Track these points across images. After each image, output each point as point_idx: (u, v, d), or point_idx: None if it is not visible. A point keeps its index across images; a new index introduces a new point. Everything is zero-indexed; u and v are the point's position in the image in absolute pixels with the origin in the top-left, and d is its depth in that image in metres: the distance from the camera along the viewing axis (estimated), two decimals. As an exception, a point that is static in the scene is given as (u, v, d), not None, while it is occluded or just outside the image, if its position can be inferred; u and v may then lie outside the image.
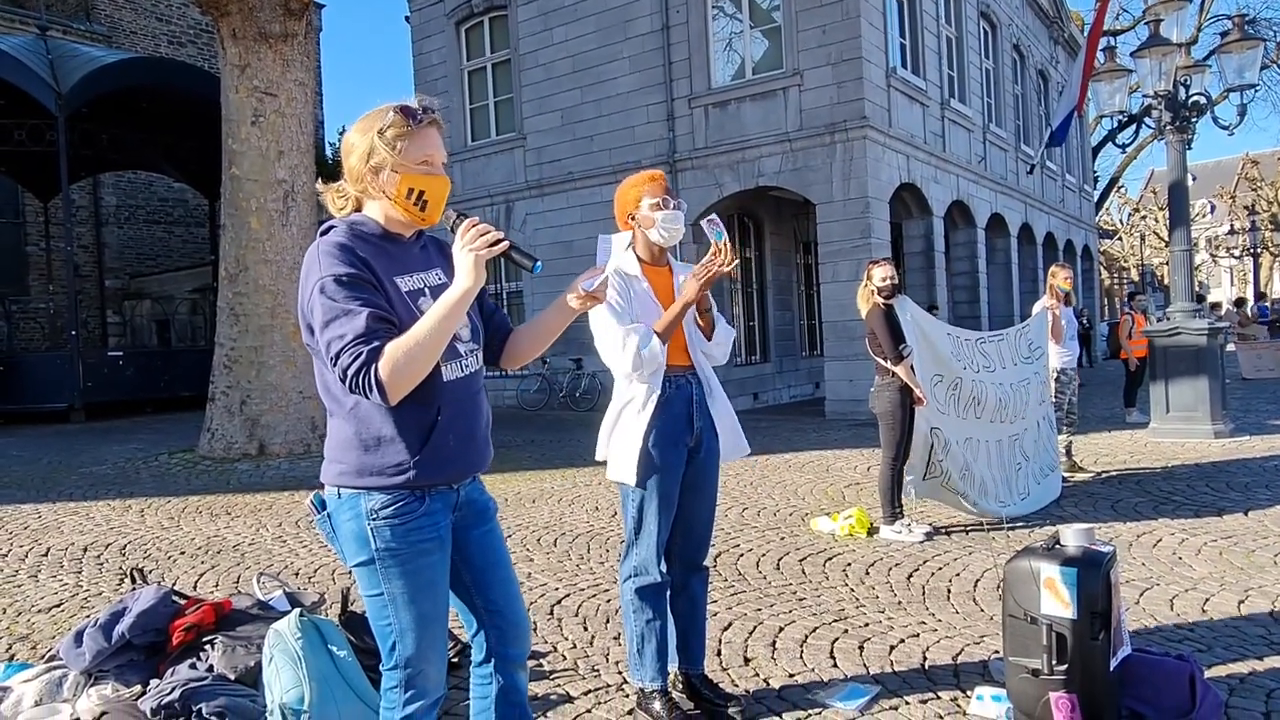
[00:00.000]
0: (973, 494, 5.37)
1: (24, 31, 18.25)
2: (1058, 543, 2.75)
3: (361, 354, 1.67)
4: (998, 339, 6.17)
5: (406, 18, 16.92)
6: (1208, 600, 3.86)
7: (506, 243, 1.76)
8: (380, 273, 1.79)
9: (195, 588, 4.55)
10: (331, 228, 1.86)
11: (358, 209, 1.91)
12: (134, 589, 3.37)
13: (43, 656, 3.33)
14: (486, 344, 2.06)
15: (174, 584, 4.49)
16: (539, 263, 1.84)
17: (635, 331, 2.65)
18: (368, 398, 1.71)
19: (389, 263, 1.83)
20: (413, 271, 1.88)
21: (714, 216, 2.73)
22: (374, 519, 1.82)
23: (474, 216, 1.78)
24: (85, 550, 5.48)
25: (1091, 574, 2.59)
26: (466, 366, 1.92)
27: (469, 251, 1.73)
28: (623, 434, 2.76)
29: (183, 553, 5.37)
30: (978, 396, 5.58)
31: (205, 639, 3.02)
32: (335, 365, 1.71)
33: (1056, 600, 2.60)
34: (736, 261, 2.70)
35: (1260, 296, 21.82)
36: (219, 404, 9.39)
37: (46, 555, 5.38)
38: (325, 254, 1.77)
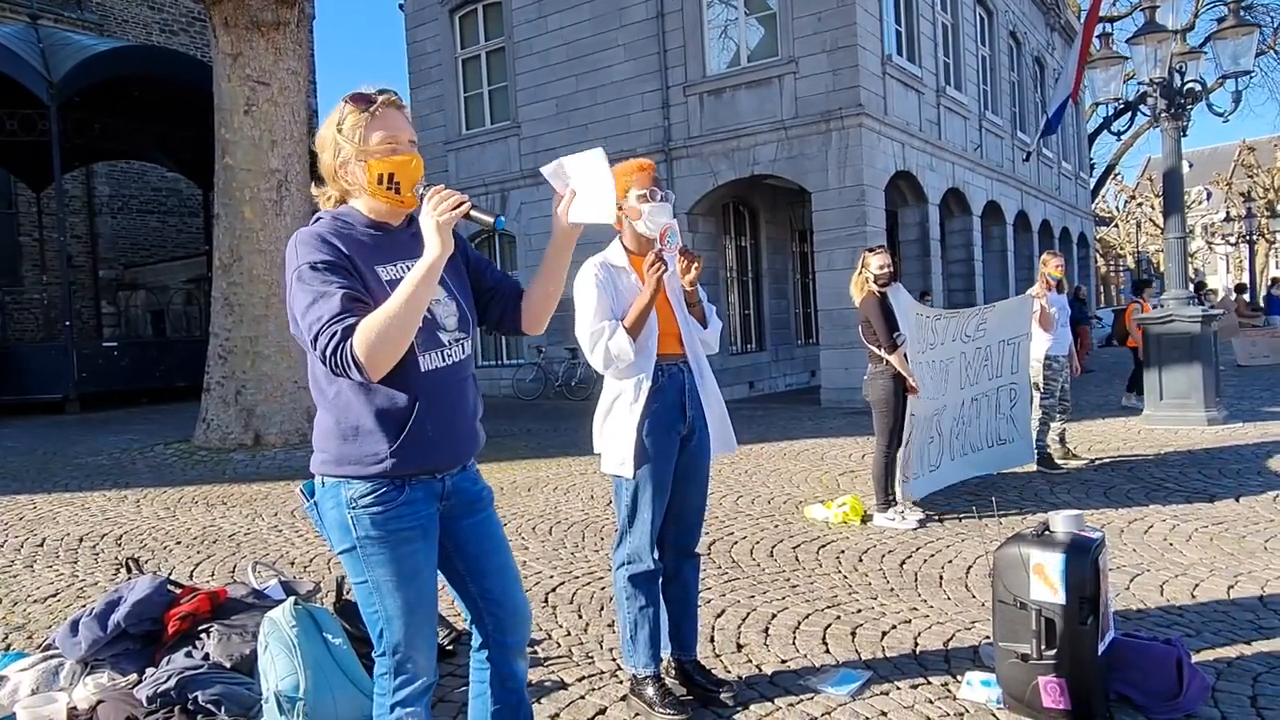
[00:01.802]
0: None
1: (14, 20, 18.13)
2: (1047, 529, 2.77)
3: (336, 333, 1.70)
4: (951, 316, 6.09)
5: (400, 5, 16.84)
6: (1197, 585, 3.89)
7: (468, 204, 1.76)
8: (360, 262, 1.81)
9: (191, 577, 4.56)
10: (318, 220, 1.89)
11: (343, 202, 1.93)
12: (129, 578, 3.39)
13: (39, 646, 3.34)
14: (502, 315, 2.06)
15: (170, 573, 4.50)
16: (501, 217, 1.86)
17: (606, 328, 2.68)
18: (349, 376, 1.73)
19: (371, 252, 1.84)
20: (396, 260, 1.87)
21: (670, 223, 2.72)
22: (354, 507, 1.84)
23: (438, 185, 1.79)
24: (81, 540, 5.49)
25: (1080, 560, 2.62)
26: (449, 356, 1.90)
27: (431, 218, 1.74)
28: (616, 427, 2.77)
29: (179, 542, 5.38)
30: (921, 378, 5.59)
31: (201, 627, 3.03)
32: (315, 348, 1.73)
33: (1046, 586, 2.63)
34: (666, 269, 2.69)
35: (1274, 283, 21.66)
36: (214, 394, 9.39)
37: (42, 546, 5.39)
38: (301, 244, 1.80)
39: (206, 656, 2.91)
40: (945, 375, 5.89)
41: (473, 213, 1.78)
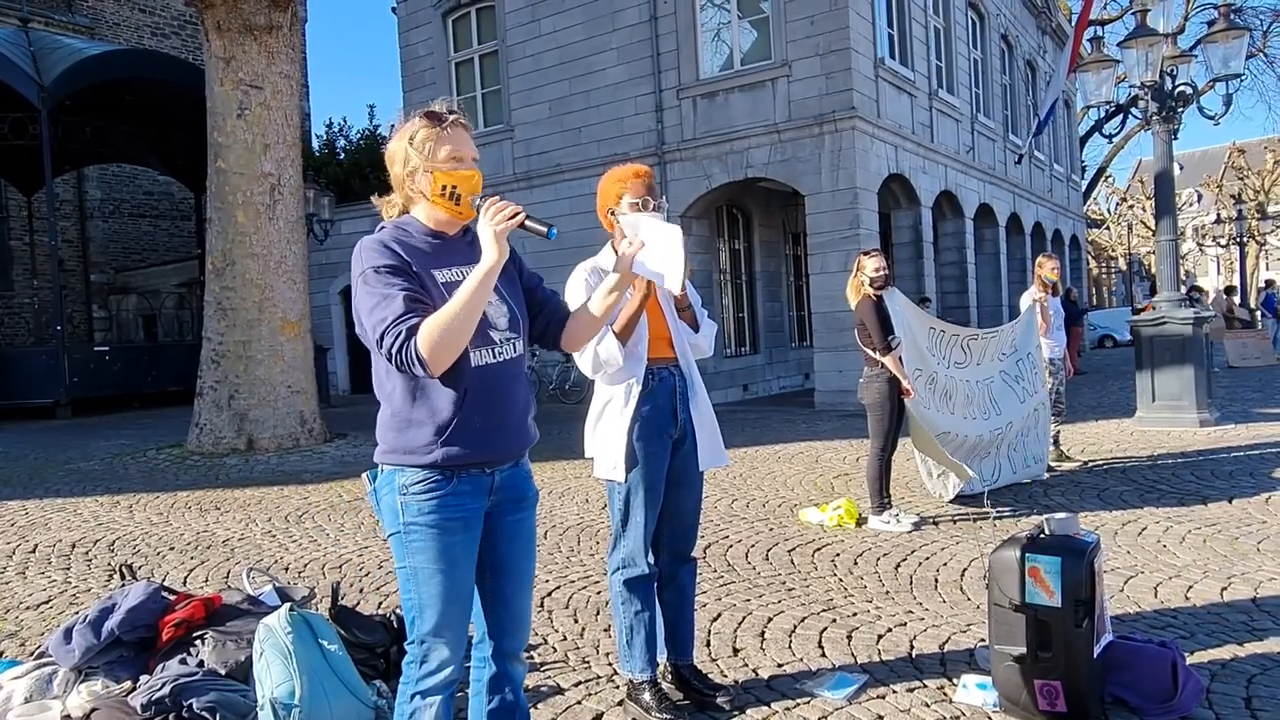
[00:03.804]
0: (934, 485, 5.55)
1: (5, 23, 18.05)
2: (1042, 532, 2.78)
3: (401, 332, 1.81)
4: (990, 335, 6.19)
5: (393, 9, 16.83)
6: (1191, 587, 3.90)
7: (523, 214, 1.89)
8: (418, 265, 1.92)
9: (185, 583, 4.55)
10: (381, 228, 2.00)
11: (405, 213, 2.04)
12: (123, 585, 3.37)
13: (32, 653, 3.32)
14: (545, 330, 2.16)
15: (163, 579, 4.48)
16: (553, 229, 1.94)
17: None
18: (413, 372, 1.84)
19: (428, 258, 1.95)
20: (452, 265, 1.98)
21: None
22: (405, 494, 1.94)
23: (495, 196, 1.91)
24: (74, 547, 5.47)
25: (1075, 562, 2.62)
26: (500, 353, 2.00)
27: (489, 227, 1.85)
28: (607, 431, 2.77)
29: (172, 548, 5.36)
30: (949, 391, 5.65)
31: (195, 634, 3.02)
32: (381, 346, 1.84)
33: (1041, 589, 2.63)
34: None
35: (1268, 284, 21.74)
36: (207, 399, 9.36)
37: (34, 552, 5.36)
38: (367, 249, 1.93)
39: (201, 663, 2.90)
40: (990, 393, 6.02)
41: (527, 223, 1.91)
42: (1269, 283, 22.58)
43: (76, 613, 3.76)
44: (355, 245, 1.97)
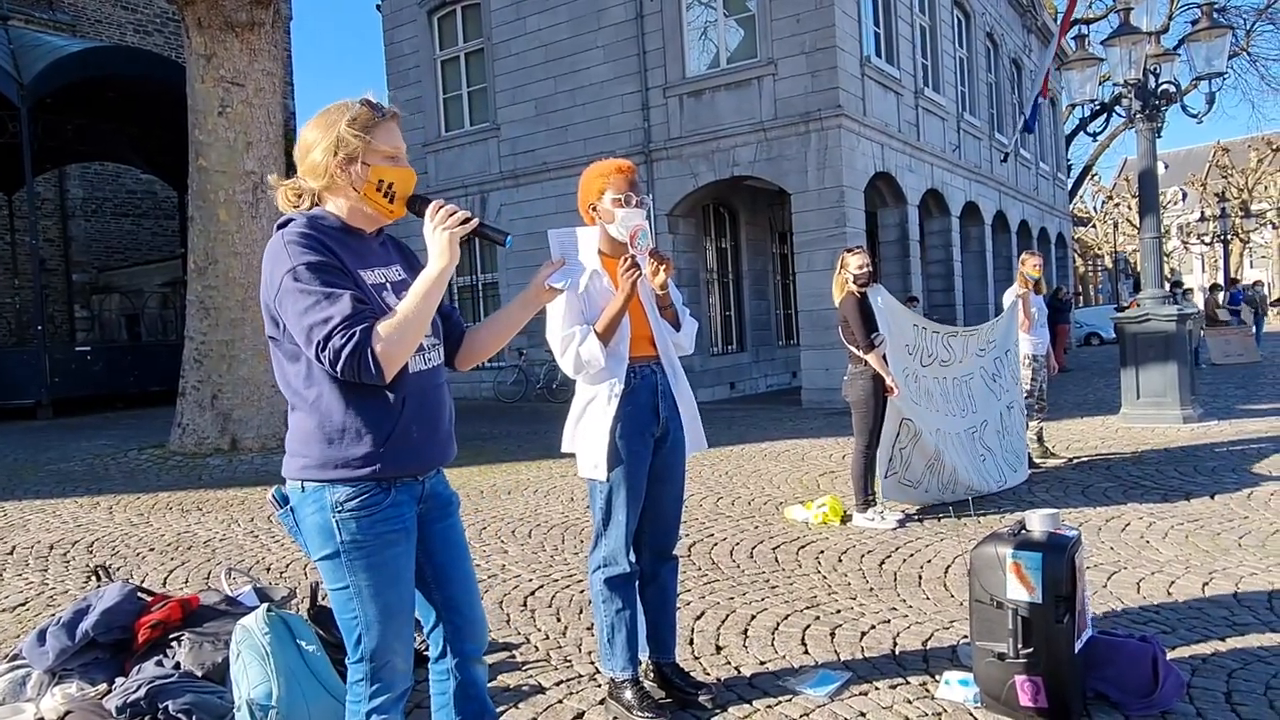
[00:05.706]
0: (935, 486, 5.51)
1: (-15, 20, 17.87)
2: (1024, 528, 2.78)
3: (355, 334, 1.68)
4: (969, 334, 6.19)
5: (378, 6, 16.75)
6: (1173, 583, 3.91)
7: (476, 221, 1.81)
8: (347, 264, 1.80)
9: (165, 584, 4.50)
10: (290, 220, 1.86)
11: (313, 205, 1.91)
12: (98, 586, 3.33)
13: (6, 656, 3.27)
14: (444, 344, 2.06)
15: (143, 581, 4.44)
16: (510, 237, 1.88)
17: (577, 333, 2.66)
18: (359, 378, 1.72)
19: (352, 256, 1.84)
20: (374, 266, 1.88)
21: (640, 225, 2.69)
22: (339, 511, 1.81)
23: (438, 200, 1.82)
24: (52, 548, 5.40)
25: (1056, 558, 2.62)
26: (430, 360, 1.93)
27: (443, 230, 1.76)
28: (589, 430, 2.76)
29: (152, 549, 5.31)
30: (928, 390, 5.66)
31: (172, 636, 2.98)
32: (325, 348, 1.69)
33: (1022, 585, 2.63)
34: (640, 273, 2.66)
35: (1246, 280, 22.09)
36: (190, 398, 9.28)
37: (11, 554, 5.30)
38: (291, 244, 1.77)
39: (178, 665, 2.87)
40: (968, 391, 6.00)
41: (483, 229, 1.84)
42: (1232, 280, 22.84)
43: (54, 615, 3.72)
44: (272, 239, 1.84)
